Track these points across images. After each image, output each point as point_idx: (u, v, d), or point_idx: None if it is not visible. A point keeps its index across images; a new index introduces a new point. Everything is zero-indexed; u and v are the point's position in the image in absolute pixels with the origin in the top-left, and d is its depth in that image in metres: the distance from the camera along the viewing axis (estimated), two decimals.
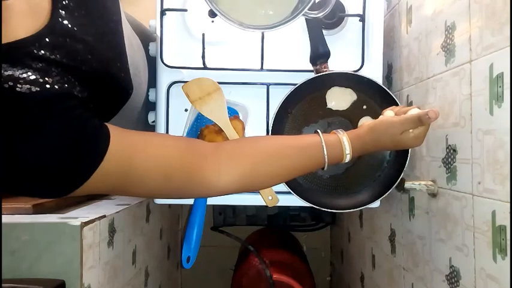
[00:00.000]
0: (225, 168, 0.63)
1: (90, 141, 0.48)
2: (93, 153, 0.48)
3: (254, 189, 0.70)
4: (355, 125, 0.88)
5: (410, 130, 0.70)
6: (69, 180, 0.48)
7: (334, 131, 0.72)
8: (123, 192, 0.59)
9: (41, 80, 0.46)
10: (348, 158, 0.70)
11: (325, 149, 0.69)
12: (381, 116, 0.74)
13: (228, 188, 0.65)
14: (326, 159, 0.69)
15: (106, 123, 0.52)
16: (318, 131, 0.72)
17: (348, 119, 0.89)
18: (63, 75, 0.49)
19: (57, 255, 0.76)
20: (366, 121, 0.86)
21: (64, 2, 0.53)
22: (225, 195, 0.68)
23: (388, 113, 0.74)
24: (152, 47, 0.92)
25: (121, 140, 0.52)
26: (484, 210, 0.63)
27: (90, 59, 0.54)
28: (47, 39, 0.49)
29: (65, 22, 0.52)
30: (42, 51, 0.48)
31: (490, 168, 0.62)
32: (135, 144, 0.54)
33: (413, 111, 0.71)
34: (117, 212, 0.96)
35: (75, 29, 0.53)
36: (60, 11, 0.52)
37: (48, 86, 0.46)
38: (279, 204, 0.88)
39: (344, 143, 0.69)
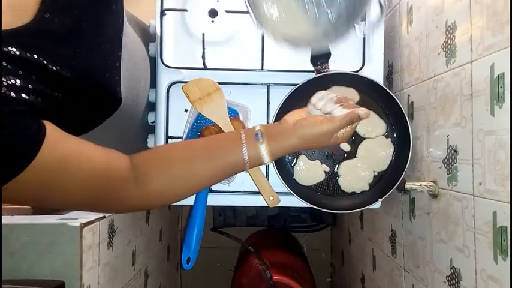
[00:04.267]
0: (137, 185, 0.61)
1: (17, 147, 0.46)
2: (17, 159, 0.46)
3: (181, 197, 0.67)
4: None
5: (341, 131, 0.69)
6: None
7: (254, 133, 0.66)
8: (43, 203, 0.58)
9: None
10: (266, 163, 0.67)
11: (245, 153, 0.65)
12: (308, 117, 0.70)
13: (141, 205, 0.65)
14: (246, 163, 0.66)
15: (51, 130, 0.50)
16: (241, 132, 0.67)
17: None
18: (29, 75, 0.48)
19: (56, 256, 0.76)
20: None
21: (55, 6, 0.52)
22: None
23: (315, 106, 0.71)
24: (152, 47, 0.92)
25: (54, 151, 0.50)
26: (485, 211, 0.63)
27: (74, 65, 0.53)
28: (22, 38, 0.48)
29: (51, 26, 0.52)
30: (12, 49, 0.46)
31: (491, 169, 0.61)
32: (67, 158, 0.52)
33: (344, 112, 0.68)
34: None
35: (62, 34, 0.53)
36: (47, 14, 0.51)
37: None
38: (279, 205, 0.87)
39: (261, 152, 0.66)
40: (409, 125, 0.84)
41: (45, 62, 0.50)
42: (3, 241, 0.75)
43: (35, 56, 0.49)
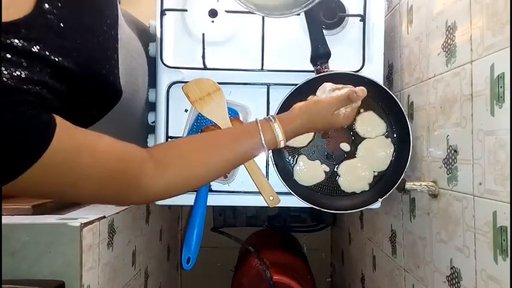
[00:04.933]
0: (157, 175, 0.63)
1: (29, 138, 0.46)
2: (29, 151, 0.46)
3: (193, 188, 0.71)
4: (351, 124, 0.88)
5: (342, 110, 0.74)
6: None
7: (266, 118, 0.72)
8: (57, 196, 0.58)
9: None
10: (282, 144, 0.72)
11: (262, 135, 0.70)
12: (312, 98, 0.77)
13: (162, 194, 0.65)
14: (264, 144, 0.70)
15: (60, 121, 0.50)
16: (257, 119, 0.72)
17: None
18: (32, 66, 0.47)
19: (56, 256, 0.76)
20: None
21: None
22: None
23: (320, 93, 0.78)
24: (152, 47, 0.92)
25: (66, 141, 0.50)
26: (485, 211, 0.63)
27: (75, 56, 0.54)
28: (23, 30, 0.48)
29: (50, 17, 0.51)
30: (14, 41, 0.46)
31: (491, 169, 0.61)
32: (80, 148, 0.52)
33: (342, 91, 0.74)
34: (117, 213, 0.96)
35: (62, 25, 0.53)
36: (46, 5, 0.51)
37: (4, 78, 0.45)
38: (279, 205, 0.87)
39: (276, 131, 0.71)
40: (409, 125, 0.84)
41: (47, 53, 0.50)
42: (3, 241, 0.75)
43: (37, 47, 0.49)
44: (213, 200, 0.90)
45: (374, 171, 0.89)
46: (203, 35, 0.87)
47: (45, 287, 0.72)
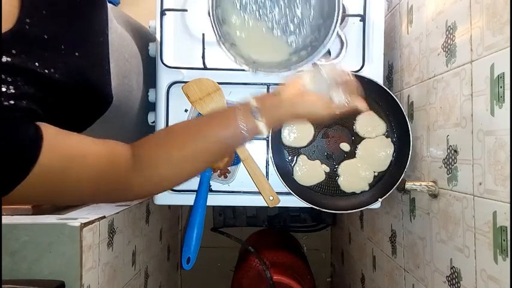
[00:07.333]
0: (138, 171, 0.62)
1: (16, 156, 0.46)
2: (17, 169, 0.47)
3: (185, 179, 0.67)
4: (351, 124, 0.88)
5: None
6: None
7: (251, 114, 0.65)
8: (51, 202, 0.57)
9: None
10: (264, 134, 0.67)
11: (244, 131, 0.65)
12: (304, 96, 0.68)
13: (150, 189, 0.65)
14: (247, 138, 0.66)
15: (47, 131, 0.50)
16: (237, 109, 0.66)
17: (346, 117, 0.89)
18: (18, 81, 0.47)
19: (56, 256, 0.76)
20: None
21: (35, 10, 0.52)
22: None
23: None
24: (152, 47, 0.92)
25: (54, 152, 0.50)
26: (485, 211, 0.63)
27: (61, 67, 0.53)
28: (7, 44, 0.47)
29: (34, 29, 0.51)
30: None
31: (491, 169, 0.61)
32: (69, 155, 0.52)
33: (339, 96, 0.67)
34: (117, 213, 0.96)
35: (46, 36, 0.52)
36: (29, 18, 0.51)
37: None
38: (279, 205, 0.87)
39: (261, 129, 0.66)
40: (409, 125, 0.84)
41: (32, 66, 0.49)
42: (3, 241, 0.75)
43: (21, 61, 0.48)
44: (213, 200, 0.90)
45: (374, 171, 0.89)
46: (203, 35, 0.87)
47: (45, 287, 0.72)
